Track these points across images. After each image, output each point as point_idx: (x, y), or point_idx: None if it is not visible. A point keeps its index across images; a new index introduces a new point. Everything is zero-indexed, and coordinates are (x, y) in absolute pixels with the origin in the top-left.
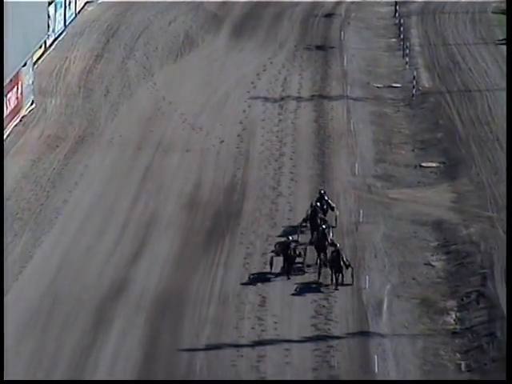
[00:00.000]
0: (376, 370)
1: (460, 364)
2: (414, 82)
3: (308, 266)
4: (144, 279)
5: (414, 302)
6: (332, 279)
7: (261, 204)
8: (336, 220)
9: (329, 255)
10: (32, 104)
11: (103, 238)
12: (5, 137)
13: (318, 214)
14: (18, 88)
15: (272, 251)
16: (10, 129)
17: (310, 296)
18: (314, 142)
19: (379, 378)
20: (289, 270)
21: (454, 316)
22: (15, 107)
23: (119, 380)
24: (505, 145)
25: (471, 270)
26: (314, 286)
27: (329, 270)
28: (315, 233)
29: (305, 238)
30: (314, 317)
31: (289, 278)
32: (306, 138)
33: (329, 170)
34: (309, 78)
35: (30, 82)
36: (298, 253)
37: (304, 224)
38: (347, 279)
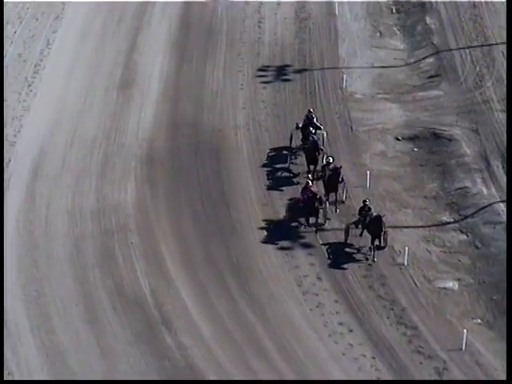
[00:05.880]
0: (336, 12)
1: (391, 8)
2: None
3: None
4: None
5: None
6: (371, 247)
7: None
8: (323, 140)
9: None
10: None
11: None
12: None
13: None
14: None
15: (297, 200)
16: None
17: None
18: None
19: (338, 19)
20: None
21: None
22: None
23: (118, 380)
24: None
25: None
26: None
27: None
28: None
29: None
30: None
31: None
32: None
33: None
34: None
35: None
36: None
37: (295, 151)
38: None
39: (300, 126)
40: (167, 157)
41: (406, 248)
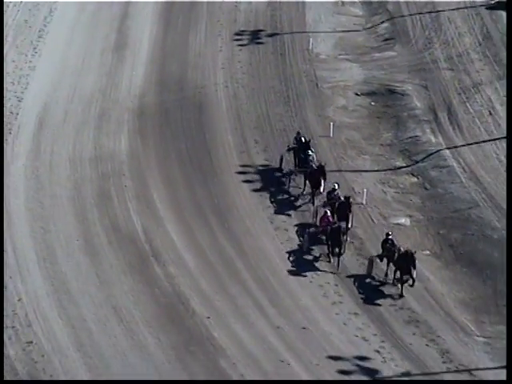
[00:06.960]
0: None
1: None
2: None
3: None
4: None
5: None
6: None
7: None
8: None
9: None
10: None
11: None
12: None
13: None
14: None
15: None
16: None
17: None
18: None
19: None
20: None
21: None
22: None
23: (117, 380)
24: None
25: None
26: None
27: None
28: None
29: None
30: None
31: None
32: None
33: None
34: None
35: None
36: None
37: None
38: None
39: (291, 147)
40: (156, 110)
41: (365, 189)
